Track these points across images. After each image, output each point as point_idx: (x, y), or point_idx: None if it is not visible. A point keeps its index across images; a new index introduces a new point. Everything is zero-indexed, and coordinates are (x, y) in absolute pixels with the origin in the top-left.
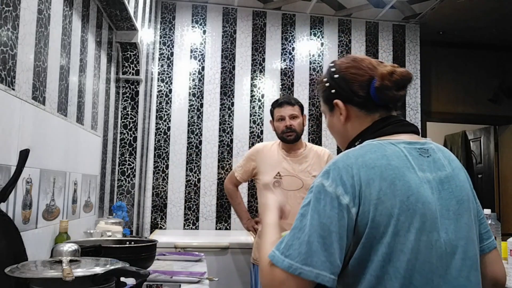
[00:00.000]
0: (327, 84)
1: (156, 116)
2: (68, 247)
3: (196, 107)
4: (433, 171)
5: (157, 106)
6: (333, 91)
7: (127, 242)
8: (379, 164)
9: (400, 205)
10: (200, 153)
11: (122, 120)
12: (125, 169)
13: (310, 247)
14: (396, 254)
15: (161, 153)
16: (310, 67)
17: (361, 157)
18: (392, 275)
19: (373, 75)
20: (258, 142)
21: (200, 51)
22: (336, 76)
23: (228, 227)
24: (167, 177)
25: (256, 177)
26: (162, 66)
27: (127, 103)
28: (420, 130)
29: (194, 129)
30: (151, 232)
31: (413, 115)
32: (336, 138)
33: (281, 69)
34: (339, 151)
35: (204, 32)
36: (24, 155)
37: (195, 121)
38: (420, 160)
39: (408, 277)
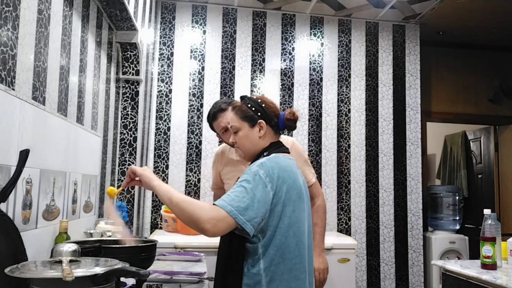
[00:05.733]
0: (253, 109)
1: (156, 116)
2: (68, 247)
3: (196, 107)
4: (301, 176)
5: (157, 106)
6: (259, 114)
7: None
8: (288, 169)
9: (296, 194)
10: (200, 153)
11: (122, 120)
12: (125, 169)
13: (246, 206)
14: (285, 214)
15: (161, 153)
16: (310, 67)
17: (279, 163)
18: (284, 222)
19: (279, 112)
20: None
21: (200, 51)
22: (263, 105)
23: None
24: (167, 177)
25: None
26: (162, 66)
27: (127, 103)
28: (420, 130)
29: (194, 129)
30: (151, 232)
31: (413, 115)
32: (246, 146)
33: (281, 69)
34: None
35: (204, 32)
36: (24, 155)
37: (195, 121)
38: (298, 170)
39: (291, 220)
